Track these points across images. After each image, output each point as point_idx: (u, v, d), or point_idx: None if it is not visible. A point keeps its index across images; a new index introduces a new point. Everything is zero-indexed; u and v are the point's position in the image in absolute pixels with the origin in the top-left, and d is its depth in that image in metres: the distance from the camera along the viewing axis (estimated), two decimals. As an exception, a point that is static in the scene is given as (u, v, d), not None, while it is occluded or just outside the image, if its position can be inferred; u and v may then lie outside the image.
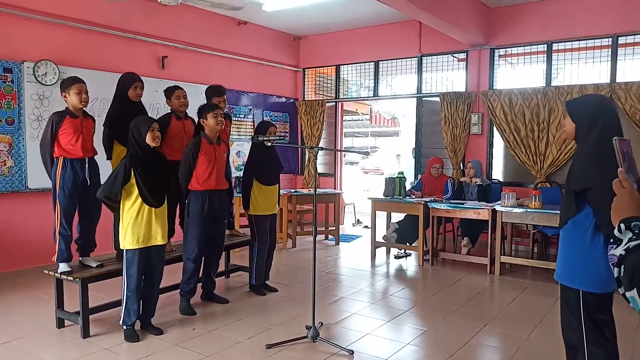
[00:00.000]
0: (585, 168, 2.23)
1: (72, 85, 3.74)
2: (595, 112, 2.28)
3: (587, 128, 2.27)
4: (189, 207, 4.15)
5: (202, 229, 4.15)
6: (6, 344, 3.56)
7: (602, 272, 2.19)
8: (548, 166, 6.48)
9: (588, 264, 2.23)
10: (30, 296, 4.62)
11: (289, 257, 6.42)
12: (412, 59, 7.73)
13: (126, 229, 3.55)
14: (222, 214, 4.33)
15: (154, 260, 3.70)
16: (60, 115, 3.75)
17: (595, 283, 2.22)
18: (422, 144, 7.78)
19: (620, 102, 5.94)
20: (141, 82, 4.15)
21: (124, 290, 3.61)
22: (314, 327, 3.59)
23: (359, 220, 9.12)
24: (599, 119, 2.25)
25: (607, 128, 2.21)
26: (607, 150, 2.15)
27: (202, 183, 4.10)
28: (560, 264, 2.38)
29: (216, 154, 4.17)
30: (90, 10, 5.78)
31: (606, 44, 6.25)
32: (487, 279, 5.47)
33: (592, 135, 2.25)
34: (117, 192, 3.49)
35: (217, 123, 4.13)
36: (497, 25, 6.91)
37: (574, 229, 2.29)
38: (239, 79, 7.74)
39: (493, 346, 3.73)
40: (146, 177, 3.53)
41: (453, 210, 5.86)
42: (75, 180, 3.77)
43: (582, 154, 2.30)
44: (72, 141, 3.73)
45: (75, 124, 3.76)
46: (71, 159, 3.75)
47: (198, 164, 4.08)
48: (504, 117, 6.77)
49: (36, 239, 5.23)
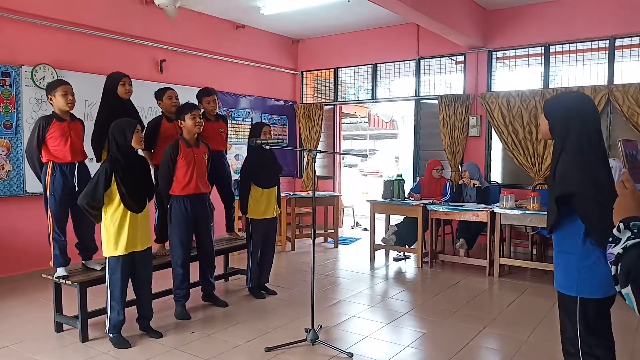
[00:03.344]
0: (566, 172, 2.16)
1: (57, 87, 3.68)
2: (569, 110, 2.22)
3: (560, 126, 2.22)
4: (171, 212, 4.10)
5: (187, 233, 4.11)
6: (5, 348, 3.55)
7: (599, 278, 2.16)
8: (546, 168, 6.49)
9: (583, 271, 2.19)
10: (28, 300, 4.61)
11: (288, 260, 6.42)
12: (410, 62, 7.75)
13: (108, 235, 3.47)
14: (205, 217, 4.24)
15: (139, 266, 3.63)
16: (47, 119, 3.68)
17: (592, 289, 2.19)
18: (421, 147, 7.78)
19: (618, 104, 5.96)
20: (128, 78, 4.05)
21: (108, 299, 3.55)
22: (313, 330, 3.59)
23: (358, 223, 9.12)
24: (574, 117, 2.19)
25: (585, 127, 2.16)
26: (589, 151, 2.14)
27: (183, 187, 4.03)
28: (557, 272, 2.35)
29: (195, 157, 4.07)
30: (89, 14, 5.78)
31: (603, 46, 6.26)
32: (486, 281, 5.47)
33: (570, 136, 2.18)
34: (99, 198, 3.39)
35: (195, 125, 4.03)
36: (494, 27, 6.93)
37: (565, 236, 2.25)
38: (237, 82, 7.75)
39: (492, 348, 3.73)
40: (128, 182, 3.43)
41: (452, 213, 5.86)
42: (65, 185, 3.70)
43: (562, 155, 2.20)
44: (60, 145, 3.66)
45: (63, 127, 3.68)
46: (60, 163, 3.69)
47: (177, 168, 4.00)
48: (502, 120, 6.78)
49: (35, 243, 5.21)
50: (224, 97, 7.43)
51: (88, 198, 3.39)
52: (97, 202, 3.41)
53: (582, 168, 2.12)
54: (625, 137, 6.35)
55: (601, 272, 2.14)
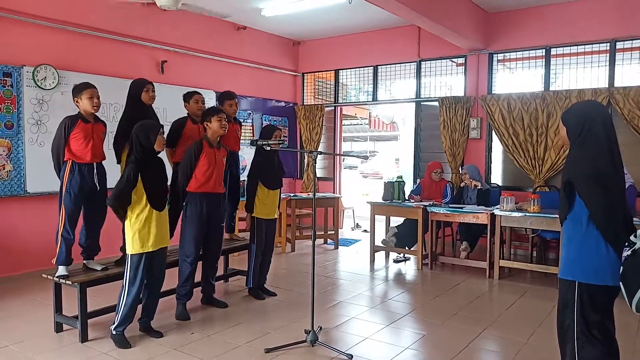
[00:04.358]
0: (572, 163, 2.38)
1: (84, 90, 3.77)
2: (583, 115, 2.39)
3: (575, 131, 2.38)
4: (186, 209, 4.17)
5: (200, 231, 4.17)
6: (4, 348, 3.55)
7: (595, 262, 2.26)
8: (547, 170, 6.49)
9: (582, 254, 2.31)
10: (28, 300, 4.61)
11: (288, 261, 6.42)
12: (411, 64, 7.75)
13: (134, 233, 3.52)
14: (218, 218, 4.33)
15: (157, 264, 3.70)
16: (73, 119, 3.77)
17: (588, 272, 2.28)
18: (421, 149, 7.79)
19: (619, 106, 5.96)
20: (152, 85, 4.19)
21: (124, 296, 3.58)
22: (312, 331, 3.59)
23: (358, 225, 9.12)
24: (586, 121, 2.35)
25: (594, 128, 2.32)
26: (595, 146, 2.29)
27: (201, 185, 4.12)
28: (561, 262, 2.47)
29: (216, 158, 4.19)
30: (90, 15, 5.80)
31: (604, 49, 6.27)
32: (486, 283, 5.47)
33: (582, 137, 2.35)
34: (128, 199, 3.48)
35: (221, 127, 4.17)
36: (495, 30, 6.94)
37: (571, 223, 2.37)
38: (238, 83, 7.75)
39: (492, 350, 3.73)
40: (152, 182, 3.54)
41: (452, 215, 5.86)
42: (83, 185, 3.78)
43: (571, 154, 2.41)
44: (82, 146, 3.75)
45: (87, 129, 3.78)
46: (80, 163, 3.77)
47: (198, 166, 4.10)
48: (502, 122, 6.79)
49: (35, 243, 5.22)
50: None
51: (119, 199, 3.47)
52: (127, 203, 3.49)
53: (585, 157, 2.30)
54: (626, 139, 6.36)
55: (601, 259, 2.24)
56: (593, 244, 2.28)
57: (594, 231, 2.27)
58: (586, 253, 2.30)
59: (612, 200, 2.25)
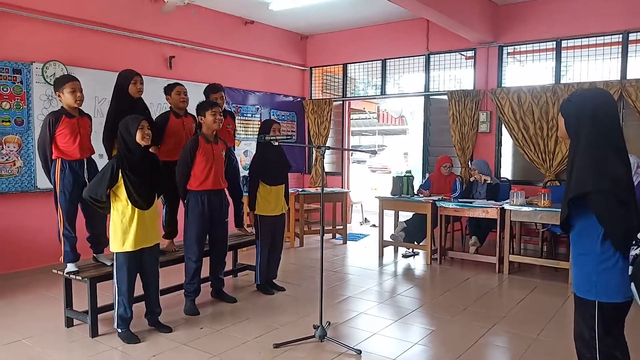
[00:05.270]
0: (581, 171, 2.06)
1: (65, 84, 3.65)
2: (582, 106, 2.12)
3: (574, 124, 2.13)
4: (187, 207, 4.13)
5: (202, 229, 4.14)
6: (16, 342, 3.58)
7: (618, 281, 2.06)
8: (557, 164, 6.43)
9: (602, 274, 2.08)
10: (39, 295, 4.65)
11: (296, 256, 6.42)
12: (419, 57, 7.70)
13: (116, 231, 3.47)
14: (221, 214, 4.27)
15: (147, 263, 3.65)
16: (57, 115, 3.66)
17: (611, 293, 2.08)
18: (430, 143, 7.74)
19: (631, 99, 5.88)
20: (140, 77, 4.03)
21: (115, 295, 3.56)
22: (321, 326, 3.58)
23: (367, 219, 9.10)
24: (585, 113, 2.08)
25: (597, 122, 2.06)
26: (604, 146, 2.04)
27: (201, 183, 4.06)
28: (575, 275, 2.24)
29: (214, 153, 4.10)
30: (98, 11, 5.81)
31: (616, 41, 6.18)
32: (496, 278, 5.44)
33: (584, 132, 2.08)
34: (102, 194, 3.38)
35: (215, 121, 4.08)
36: (505, 22, 6.86)
37: (583, 237, 2.14)
38: (246, 78, 7.75)
39: (502, 346, 3.70)
40: (135, 179, 3.43)
41: (461, 209, 5.83)
42: (76, 182, 3.70)
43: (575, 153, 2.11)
44: (69, 142, 3.66)
45: (72, 124, 3.67)
46: (69, 160, 3.69)
47: (196, 164, 4.03)
48: (512, 115, 6.72)
49: (45, 238, 5.26)
50: (232, 93, 7.44)
51: (91, 192, 3.41)
52: (100, 197, 3.40)
53: (598, 165, 2.02)
54: (636, 133, 6.28)
55: (620, 275, 2.04)
56: (612, 262, 2.05)
57: (611, 247, 2.04)
58: (606, 272, 2.07)
59: (631, 217, 2.00)
